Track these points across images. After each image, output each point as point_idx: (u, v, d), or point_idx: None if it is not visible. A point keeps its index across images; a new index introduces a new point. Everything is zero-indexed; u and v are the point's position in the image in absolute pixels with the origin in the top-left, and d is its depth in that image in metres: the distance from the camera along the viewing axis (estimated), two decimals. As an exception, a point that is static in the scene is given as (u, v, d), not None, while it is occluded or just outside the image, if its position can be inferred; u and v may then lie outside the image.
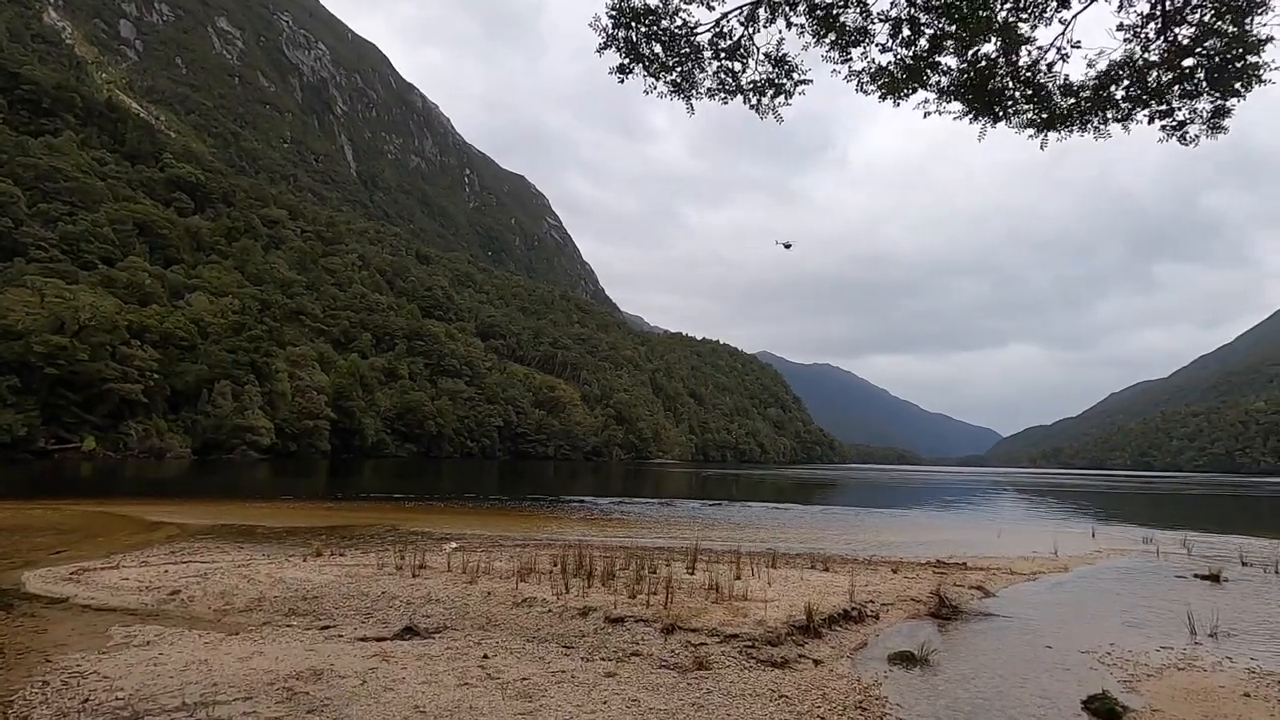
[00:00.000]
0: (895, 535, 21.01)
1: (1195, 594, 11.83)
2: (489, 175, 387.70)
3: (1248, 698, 6.47)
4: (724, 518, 25.52)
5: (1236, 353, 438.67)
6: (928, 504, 38.58)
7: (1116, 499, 49.11)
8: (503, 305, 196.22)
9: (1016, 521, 27.56)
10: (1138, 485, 77.97)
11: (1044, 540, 19.75)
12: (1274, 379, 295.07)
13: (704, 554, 13.36)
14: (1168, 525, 26.16)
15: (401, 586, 9.55)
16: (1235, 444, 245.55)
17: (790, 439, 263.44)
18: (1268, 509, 42.70)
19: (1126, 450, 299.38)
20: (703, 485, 54.61)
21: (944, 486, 63.37)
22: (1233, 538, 21.70)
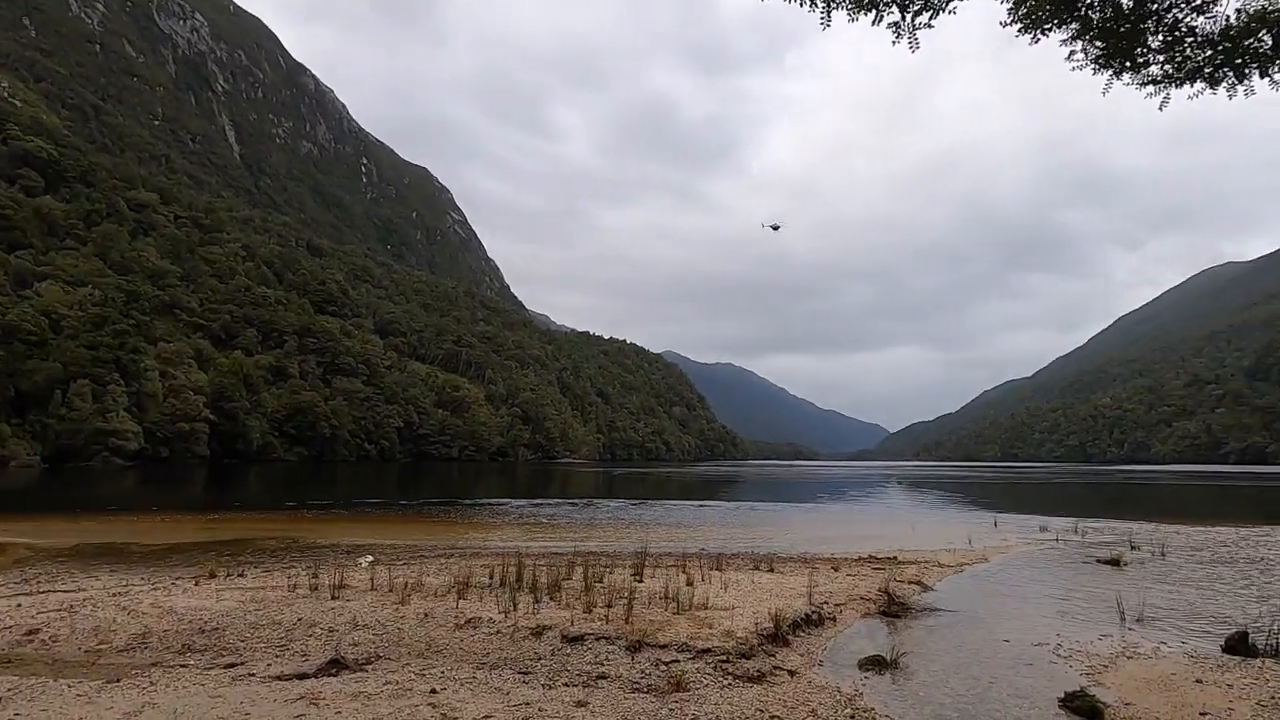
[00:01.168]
0: (819, 530, 21.38)
1: (1105, 579, 12.54)
2: (388, 166, 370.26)
3: (1200, 684, 6.67)
4: (652, 518, 25.15)
5: (1088, 354, 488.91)
6: (836, 498, 39.98)
7: (999, 489, 52.99)
8: (403, 301, 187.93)
9: (923, 513, 28.92)
10: (1012, 476, 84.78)
11: (956, 532, 20.69)
12: (1118, 378, 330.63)
13: (647, 558, 12.87)
14: (1053, 512, 28.27)
15: (320, 611, 8.41)
16: (1086, 436, 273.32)
17: (695, 437, 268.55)
18: (1123, 494, 47.36)
19: (996, 443, 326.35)
20: (618, 485, 54.24)
21: (845, 481, 66.24)
22: (1111, 522, 23.65)
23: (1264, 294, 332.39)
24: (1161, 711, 5.95)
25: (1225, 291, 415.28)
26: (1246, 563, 14.31)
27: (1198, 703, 6.14)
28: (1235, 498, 43.37)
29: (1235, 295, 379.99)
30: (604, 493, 41.73)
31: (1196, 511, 30.96)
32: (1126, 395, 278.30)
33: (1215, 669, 7.13)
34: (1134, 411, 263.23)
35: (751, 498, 40.04)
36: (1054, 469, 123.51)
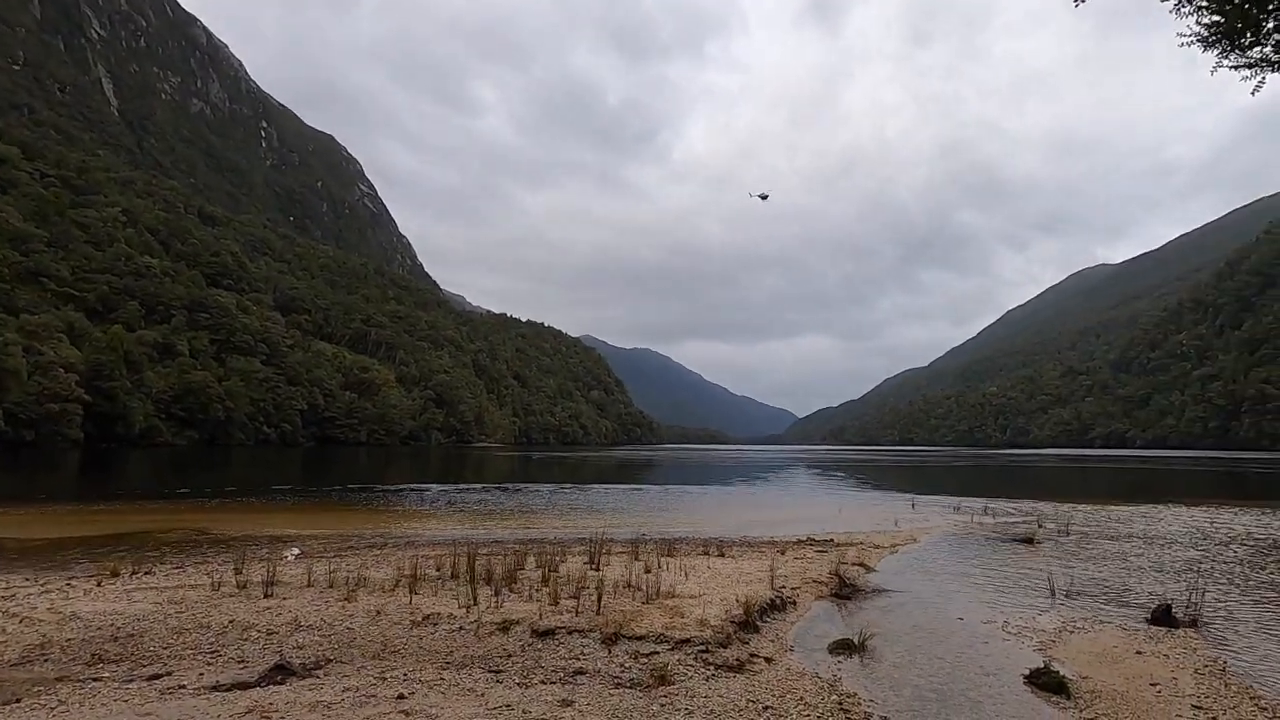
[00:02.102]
0: (753, 514, 21.77)
1: (1024, 557, 13.35)
2: (291, 132, 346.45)
3: (1141, 655, 7.12)
4: (588, 504, 24.79)
5: (978, 346, 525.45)
6: (758, 482, 41.00)
7: (905, 472, 56.03)
8: (307, 277, 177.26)
9: (844, 496, 30.01)
10: (913, 459, 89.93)
11: (879, 513, 21.59)
12: (1003, 368, 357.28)
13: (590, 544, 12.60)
14: (959, 493, 30.09)
15: (254, 611, 7.64)
16: (975, 422, 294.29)
17: (612, 421, 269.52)
18: (1015, 476, 51.14)
19: (895, 428, 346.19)
20: (540, 469, 53.48)
21: (761, 465, 68.19)
22: (1012, 502, 25.35)
23: (1128, 295, 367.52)
24: (1116, 684, 6.28)
25: (1096, 291, 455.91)
26: (1142, 539, 15.63)
27: (1145, 673, 6.53)
28: (1111, 479, 47.72)
29: (1104, 295, 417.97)
30: (528, 477, 40.99)
31: (1084, 491, 33.76)
32: (1010, 385, 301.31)
33: (1148, 640, 7.64)
34: (1016, 400, 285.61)
35: (678, 481, 40.44)
36: (948, 453, 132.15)
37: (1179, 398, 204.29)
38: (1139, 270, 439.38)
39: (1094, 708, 5.70)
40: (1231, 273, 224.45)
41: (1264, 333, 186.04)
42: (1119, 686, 6.17)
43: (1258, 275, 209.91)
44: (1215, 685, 6.16)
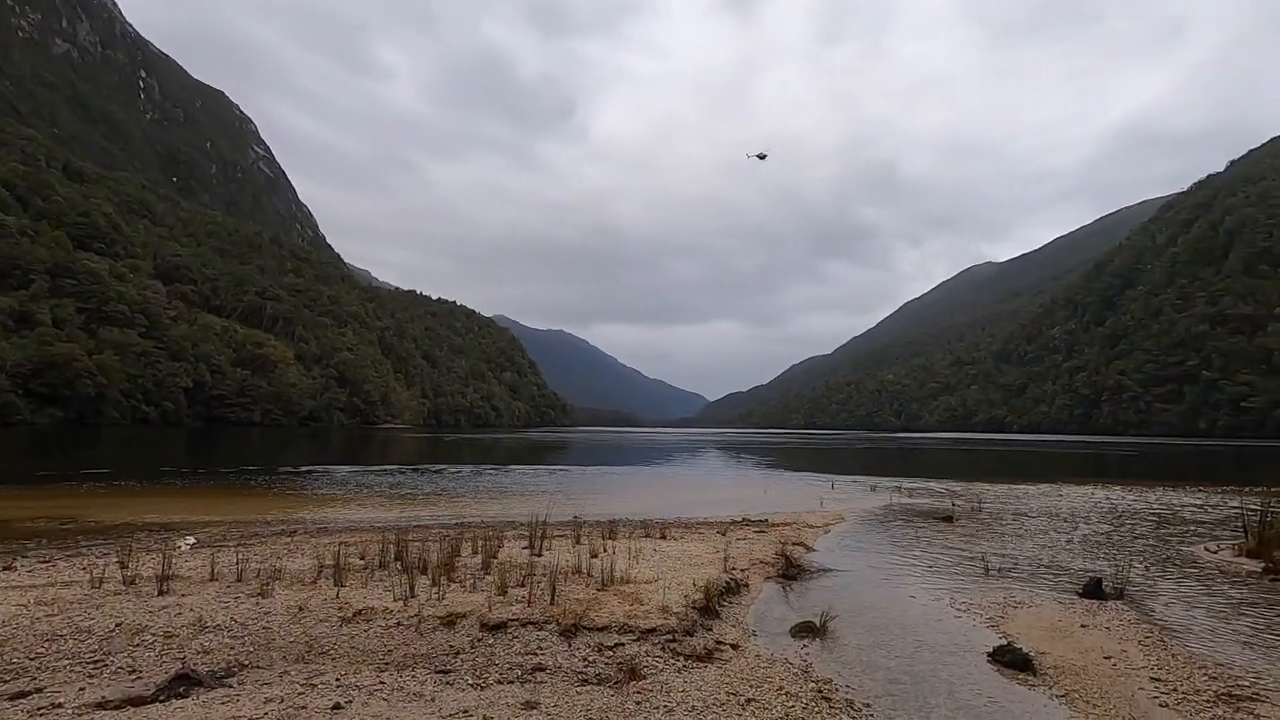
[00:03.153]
0: (681, 494, 21.66)
1: (947, 534, 13.81)
2: (175, 85, 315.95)
3: (1086, 629, 7.32)
4: (512, 485, 23.89)
5: (877, 336, 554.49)
6: (680, 463, 41.26)
7: (816, 454, 58.13)
8: (193, 244, 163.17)
9: (766, 477, 30.54)
10: (819, 442, 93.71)
11: (803, 493, 22.01)
12: (899, 357, 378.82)
13: (526, 528, 11.96)
14: (871, 473, 31.34)
15: (147, 612, 6.56)
16: (873, 407, 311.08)
17: (525, 403, 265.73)
18: (916, 457, 54.14)
19: (800, 412, 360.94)
20: (454, 450, 51.62)
21: (678, 446, 68.95)
22: (922, 481, 26.61)
23: (1010, 292, 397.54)
24: (1073, 658, 6.37)
25: (983, 287, 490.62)
26: (1048, 516, 16.61)
27: (1095, 647, 6.68)
28: (1002, 460, 51.31)
29: (990, 291, 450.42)
30: (444, 458, 39.39)
31: (983, 472, 35.97)
32: (905, 373, 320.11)
33: (1087, 614, 7.90)
34: (910, 387, 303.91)
35: (599, 463, 40.03)
36: (850, 436, 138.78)
37: (1050, 387, 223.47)
38: (1020, 269, 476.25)
39: (1061, 683, 5.73)
40: (1098, 274, 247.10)
41: (1123, 329, 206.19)
42: (1076, 661, 6.26)
43: (1119, 277, 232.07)
44: (1163, 656, 6.37)
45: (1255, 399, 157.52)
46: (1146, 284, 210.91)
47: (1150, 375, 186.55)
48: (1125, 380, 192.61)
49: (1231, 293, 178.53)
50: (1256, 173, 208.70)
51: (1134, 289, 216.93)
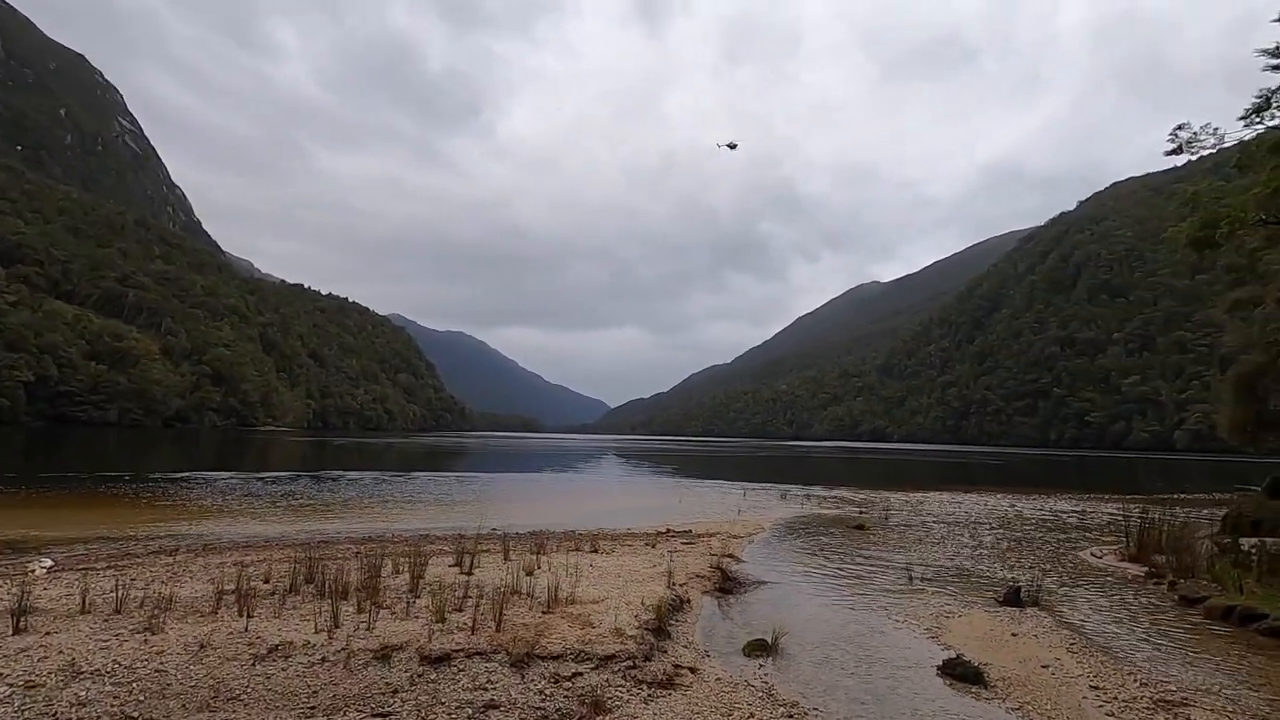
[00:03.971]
0: (596, 503, 21.23)
1: (864, 542, 14.24)
2: (24, 42, 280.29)
3: (1016, 637, 7.61)
4: (418, 494, 22.47)
5: (773, 347, 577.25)
6: (586, 470, 40.77)
7: (722, 461, 59.31)
8: (40, 221, 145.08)
9: (680, 485, 30.65)
10: (720, 449, 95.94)
11: (717, 500, 22.19)
12: (793, 368, 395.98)
13: (448, 542, 11.21)
14: (778, 480, 32.21)
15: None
16: (767, 416, 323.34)
17: (421, 406, 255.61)
18: (816, 465, 56.43)
19: (700, 420, 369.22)
20: (347, 455, 48.51)
21: (582, 452, 68.38)
22: (827, 489, 27.59)
23: (893, 310, 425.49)
24: (1014, 668, 6.57)
25: (869, 304, 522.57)
26: (949, 523, 17.55)
27: (1032, 656, 6.94)
28: (892, 468, 54.38)
29: (875, 308, 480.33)
30: (337, 464, 36.84)
31: (880, 479, 37.84)
32: (798, 384, 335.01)
33: (1012, 622, 8.24)
34: (802, 397, 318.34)
35: (505, 469, 38.83)
36: (749, 443, 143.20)
37: (926, 400, 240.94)
38: (903, 289, 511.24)
39: (1013, 695, 5.85)
40: (968, 297, 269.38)
41: (989, 348, 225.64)
42: (1019, 671, 6.45)
43: (987, 301, 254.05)
44: (1093, 664, 6.69)
45: (1095, 414, 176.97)
46: (1009, 308, 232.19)
47: (1011, 391, 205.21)
48: (990, 395, 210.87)
49: (1078, 319, 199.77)
50: (1100, 213, 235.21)
51: (999, 312, 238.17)
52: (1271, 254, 16.80)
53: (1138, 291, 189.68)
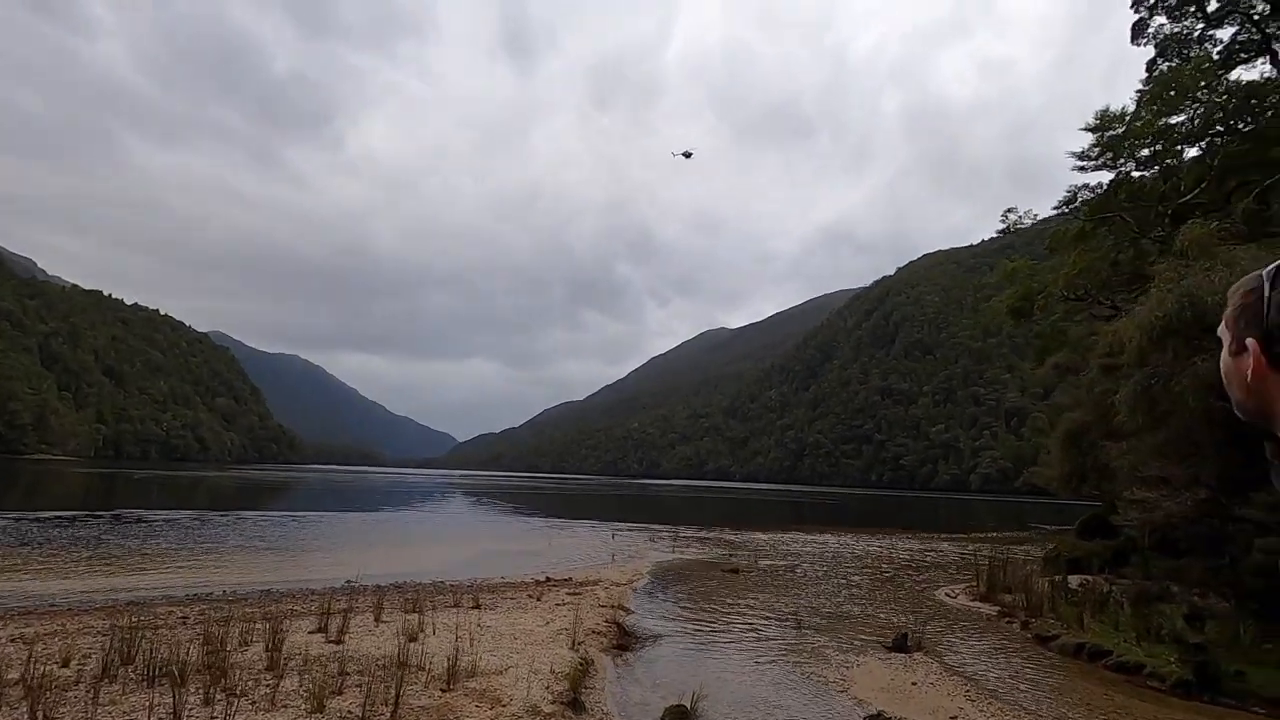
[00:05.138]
0: (464, 548, 19.67)
1: (747, 588, 14.28)
2: None
3: (916, 685, 7.77)
4: (251, 538, 19.41)
5: (626, 386, 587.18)
6: (438, 509, 38.22)
7: (577, 499, 58.37)
8: None
9: (542, 525, 29.47)
10: (575, 487, 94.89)
11: (588, 543, 21.51)
12: (645, 407, 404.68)
13: (301, 600, 9.67)
14: (638, 519, 32.08)
15: None
16: (619, 454, 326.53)
17: (242, 434, 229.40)
18: (671, 503, 57.19)
19: (551, 456, 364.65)
20: (155, 491, 41.70)
21: (432, 489, 64.46)
22: (692, 529, 27.84)
23: (738, 355, 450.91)
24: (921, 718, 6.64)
25: (717, 349, 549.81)
26: (814, 563, 18.19)
27: (938, 705, 7.07)
28: (740, 505, 56.42)
29: (722, 353, 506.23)
30: (134, 501, 31.40)
31: (734, 518, 38.89)
32: (649, 422, 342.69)
33: (907, 669, 8.44)
34: (653, 436, 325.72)
35: (343, 508, 35.27)
36: (603, 481, 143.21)
37: (767, 441, 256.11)
38: (748, 336, 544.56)
39: (938, 753, 5.85)
40: (805, 347, 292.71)
41: (822, 395, 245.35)
42: (933, 723, 6.52)
43: (820, 352, 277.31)
44: (993, 709, 6.93)
45: (908, 458, 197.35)
46: (840, 359, 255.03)
47: (840, 435, 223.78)
48: (822, 438, 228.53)
49: (896, 372, 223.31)
50: (914, 279, 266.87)
51: (831, 362, 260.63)
52: (1076, 325, 19.64)
53: (942, 350, 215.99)
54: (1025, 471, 29.96)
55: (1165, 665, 8.30)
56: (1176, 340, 9.39)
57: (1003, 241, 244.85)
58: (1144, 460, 10.08)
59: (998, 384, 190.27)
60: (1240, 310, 0.92)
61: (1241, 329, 0.91)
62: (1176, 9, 19.62)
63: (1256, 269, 0.74)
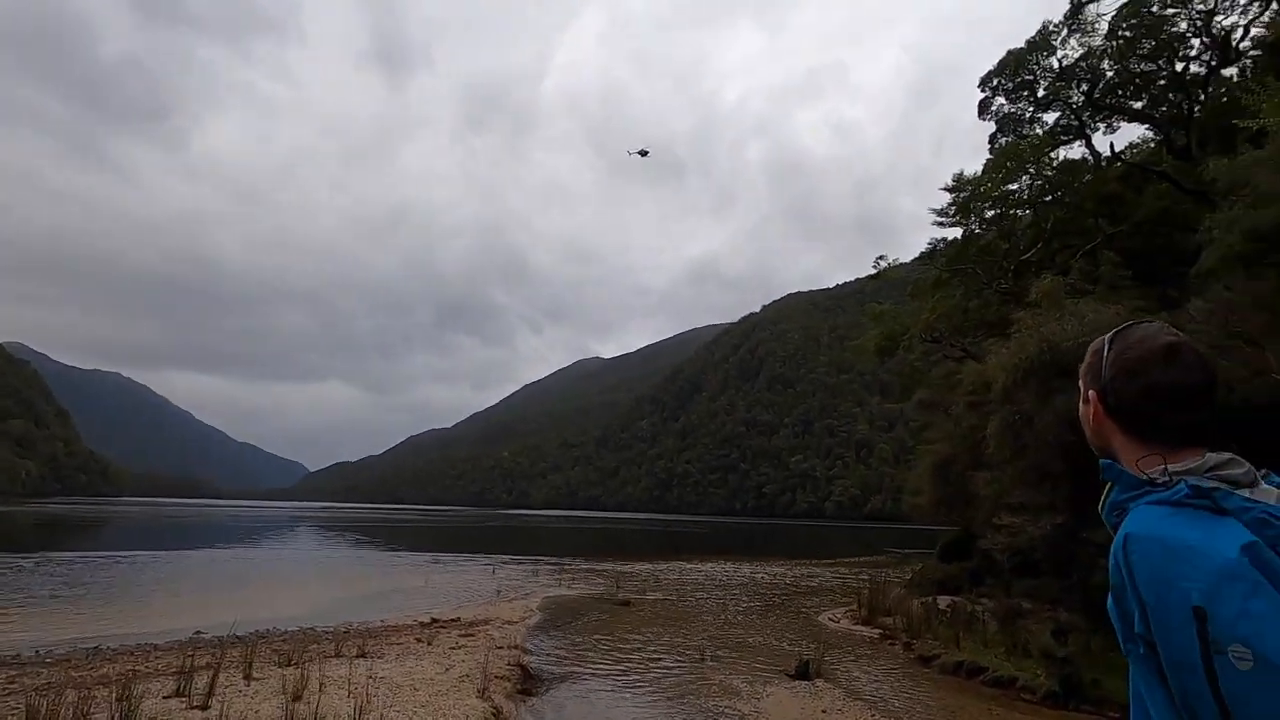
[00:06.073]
0: (334, 589, 17.86)
1: (640, 620, 14.08)
2: None
3: (827, 713, 7.92)
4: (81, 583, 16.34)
5: (497, 413, 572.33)
6: (298, 545, 34.77)
7: (447, 532, 55.50)
8: None
9: (415, 560, 27.57)
10: (445, 519, 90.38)
11: (468, 579, 20.39)
12: (516, 435, 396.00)
13: (146, 658, 8.28)
14: (517, 552, 31.01)
15: None
16: (487, 483, 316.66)
17: (42, 463, 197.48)
18: (547, 535, 55.81)
19: (414, 486, 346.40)
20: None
21: (285, 522, 58.75)
22: (576, 560, 27.24)
23: (612, 385, 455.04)
24: (845, 748, 6.75)
25: (590, 378, 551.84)
26: (701, 592, 18.34)
27: (852, 732, 7.23)
28: (613, 536, 56.20)
29: (595, 382, 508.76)
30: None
31: (618, 548, 38.56)
32: (520, 451, 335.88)
33: (813, 697, 8.60)
34: (523, 465, 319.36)
35: (188, 545, 31.10)
36: (471, 512, 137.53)
37: (637, 471, 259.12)
38: (621, 366, 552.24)
39: (864, 781, 5.94)
40: (675, 379, 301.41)
41: (691, 426, 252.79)
42: (852, 751, 6.63)
43: (689, 384, 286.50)
44: (903, 733, 7.18)
45: (770, 486, 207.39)
46: (708, 391, 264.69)
47: (707, 465, 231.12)
48: (690, 468, 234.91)
49: (760, 404, 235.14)
50: (777, 317, 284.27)
51: (699, 394, 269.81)
52: (935, 365, 21.68)
53: (802, 384, 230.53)
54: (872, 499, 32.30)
55: (1035, 678, 9.08)
56: (1036, 380, 10.50)
57: (854, 286, 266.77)
58: (1008, 488, 11.13)
59: (849, 417, 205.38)
60: (1088, 367, 1.16)
61: (1088, 382, 1.15)
62: (1013, 93, 22.58)
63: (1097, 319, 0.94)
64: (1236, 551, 0.85)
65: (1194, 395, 1.03)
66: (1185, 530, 0.92)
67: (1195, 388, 1.03)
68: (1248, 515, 0.90)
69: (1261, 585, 0.82)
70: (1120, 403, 1.08)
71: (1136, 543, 0.95)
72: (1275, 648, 0.78)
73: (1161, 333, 1.08)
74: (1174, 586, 0.87)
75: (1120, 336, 1.11)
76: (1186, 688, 0.85)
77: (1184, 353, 1.04)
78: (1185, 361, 1.03)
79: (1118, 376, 1.08)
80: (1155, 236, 16.00)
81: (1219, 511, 0.93)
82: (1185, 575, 0.87)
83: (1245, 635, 0.80)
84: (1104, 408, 1.11)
